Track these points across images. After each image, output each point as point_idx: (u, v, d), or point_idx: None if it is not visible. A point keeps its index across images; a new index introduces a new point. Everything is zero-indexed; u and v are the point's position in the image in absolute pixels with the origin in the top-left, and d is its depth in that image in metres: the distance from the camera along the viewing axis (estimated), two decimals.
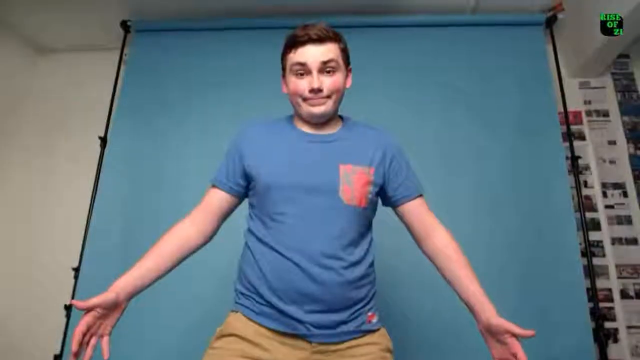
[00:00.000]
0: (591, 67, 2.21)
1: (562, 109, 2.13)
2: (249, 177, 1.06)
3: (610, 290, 1.97)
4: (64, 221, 2.27)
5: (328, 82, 1.02)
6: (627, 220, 2.06)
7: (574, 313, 1.76)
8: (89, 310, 0.85)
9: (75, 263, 2.04)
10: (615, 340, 1.89)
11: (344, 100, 1.10)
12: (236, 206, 1.14)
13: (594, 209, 2.08)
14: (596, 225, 2.06)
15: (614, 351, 1.87)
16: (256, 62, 2.21)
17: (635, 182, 2.11)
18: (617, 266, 2.00)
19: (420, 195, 1.10)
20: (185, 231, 1.06)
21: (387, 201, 1.11)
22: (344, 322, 0.96)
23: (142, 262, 0.99)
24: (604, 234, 2.05)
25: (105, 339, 0.90)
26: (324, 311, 0.95)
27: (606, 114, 2.23)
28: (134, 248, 1.84)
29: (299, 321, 0.94)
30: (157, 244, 1.02)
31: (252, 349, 0.95)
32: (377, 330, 1.03)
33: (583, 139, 2.19)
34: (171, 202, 1.97)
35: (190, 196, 1.19)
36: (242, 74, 2.23)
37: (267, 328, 0.97)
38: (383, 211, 1.14)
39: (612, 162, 2.15)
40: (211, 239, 1.12)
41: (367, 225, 1.07)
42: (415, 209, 1.08)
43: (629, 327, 1.92)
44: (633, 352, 1.88)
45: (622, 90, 2.27)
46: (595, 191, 2.11)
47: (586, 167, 2.14)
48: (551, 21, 2.22)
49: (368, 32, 2.22)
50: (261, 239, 1.01)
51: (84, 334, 0.85)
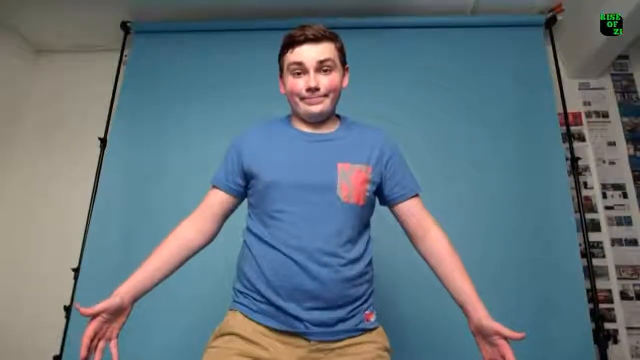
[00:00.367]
0: (591, 69, 2.21)
1: (562, 110, 2.13)
2: (248, 177, 1.07)
3: (610, 291, 1.96)
4: (63, 222, 2.27)
5: (325, 82, 1.02)
6: (627, 221, 2.05)
7: (574, 314, 1.76)
8: (95, 316, 0.87)
9: (76, 264, 2.04)
10: (616, 342, 1.89)
11: (342, 100, 1.11)
12: (237, 206, 1.14)
13: (594, 210, 2.08)
14: (596, 227, 2.05)
15: (614, 352, 1.87)
16: (256, 63, 2.22)
17: (635, 183, 2.10)
18: (617, 267, 1.99)
19: (417, 195, 1.10)
20: (187, 233, 1.07)
21: (384, 200, 1.12)
22: (342, 320, 0.96)
23: (145, 265, 1.00)
24: (604, 235, 2.04)
25: (114, 342, 0.93)
26: (322, 309, 0.95)
27: (606, 115, 2.23)
28: (134, 249, 1.89)
29: (297, 319, 0.94)
30: (159, 247, 1.03)
31: (251, 347, 0.95)
32: (375, 329, 1.03)
33: (583, 140, 2.19)
34: (171, 203, 1.97)
35: (191, 196, 1.19)
36: (242, 74, 2.23)
37: (265, 327, 0.97)
38: (382, 210, 1.14)
39: (612, 163, 2.15)
40: (213, 239, 1.13)
41: (365, 224, 1.07)
42: (412, 208, 1.09)
43: (629, 328, 1.91)
44: (633, 354, 1.87)
45: (622, 92, 2.26)
46: (595, 192, 2.11)
47: (586, 169, 2.14)
48: (551, 22, 2.22)
49: (367, 34, 2.23)
50: (260, 238, 1.01)
51: (92, 339, 0.87)
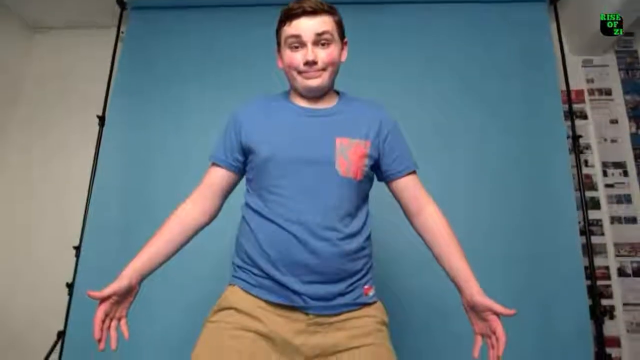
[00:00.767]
0: (595, 45, 2.18)
1: (564, 87, 2.11)
2: (246, 152, 1.06)
3: (607, 268, 1.98)
4: (63, 201, 2.28)
5: (323, 55, 1.01)
6: (627, 199, 2.06)
7: (572, 291, 1.77)
8: (104, 299, 0.89)
9: (77, 242, 2.06)
10: (612, 317, 1.91)
11: (341, 77, 1.09)
12: (236, 183, 1.14)
13: (594, 188, 2.08)
14: (596, 204, 2.06)
15: (610, 327, 1.89)
16: (254, 39, 2.19)
17: (636, 161, 2.10)
18: (616, 244, 2.00)
19: (414, 172, 1.10)
20: (189, 212, 1.07)
21: (381, 176, 1.11)
22: (340, 294, 0.97)
23: (148, 246, 1.01)
24: (604, 213, 2.05)
25: (123, 321, 0.95)
26: (321, 282, 0.95)
27: (609, 92, 2.21)
28: (134, 226, 1.90)
29: (296, 293, 0.95)
30: (161, 228, 1.04)
31: (250, 321, 0.96)
32: (374, 303, 1.03)
33: (585, 117, 2.17)
34: (171, 181, 1.97)
35: (190, 174, 1.19)
36: (241, 50, 2.20)
37: (264, 300, 0.97)
38: (382, 186, 1.14)
39: (614, 141, 2.14)
40: (214, 217, 1.13)
41: (363, 198, 1.07)
42: (408, 183, 1.09)
43: (625, 304, 1.93)
44: (629, 329, 1.90)
45: (625, 69, 2.24)
46: (595, 170, 2.10)
47: (587, 146, 2.13)
48: None
49: (366, 9, 2.19)
50: (258, 212, 1.01)
51: (103, 320, 0.90)
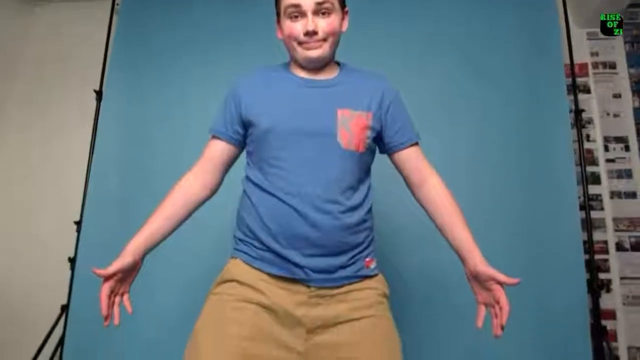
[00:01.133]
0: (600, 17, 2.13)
1: (568, 61, 2.07)
2: (247, 124, 1.05)
3: (606, 242, 1.99)
4: (63, 176, 2.27)
5: (323, 24, 0.99)
6: (628, 174, 2.05)
7: (570, 264, 1.79)
8: (109, 276, 0.90)
9: (77, 217, 2.06)
10: (608, 290, 1.94)
11: (340, 47, 1.07)
12: (237, 156, 1.13)
13: (595, 162, 2.07)
14: (596, 179, 2.05)
15: (606, 300, 1.92)
16: (255, 10, 2.13)
17: (638, 135, 2.08)
18: (615, 219, 2.01)
19: (416, 144, 1.09)
20: (190, 186, 1.06)
21: (383, 148, 1.10)
22: (342, 267, 0.97)
23: (150, 221, 1.01)
24: (604, 188, 2.05)
25: (126, 296, 0.98)
26: (322, 255, 0.95)
27: (613, 65, 2.17)
28: (134, 200, 1.90)
29: (297, 265, 0.95)
30: (163, 203, 1.04)
31: (252, 293, 0.96)
32: (375, 275, 1.04)
33: (588, 91, 2.15)
34: (170, 153, 1.98)
35: (190, 147, 1.19)
36: (240, 24, 2.16)
37: (266, 273, 0.98)
38: (384, 159, 1.13)
39: (616, 115, 2.12)
40: (216, 191, 1.12)
41: (365, 171, 1.07)
42: (411, 155, 1.08)
43: (622, 278, 1.95)
44: (625, 302, 1.93)
45: (630, 41, 2.19)
46: (597, 145, 2.09)
47: (589, 121, 2.11)
48: None
49: None
50: (259, 185, 1.00)
51: (109, 296, 0.92)
